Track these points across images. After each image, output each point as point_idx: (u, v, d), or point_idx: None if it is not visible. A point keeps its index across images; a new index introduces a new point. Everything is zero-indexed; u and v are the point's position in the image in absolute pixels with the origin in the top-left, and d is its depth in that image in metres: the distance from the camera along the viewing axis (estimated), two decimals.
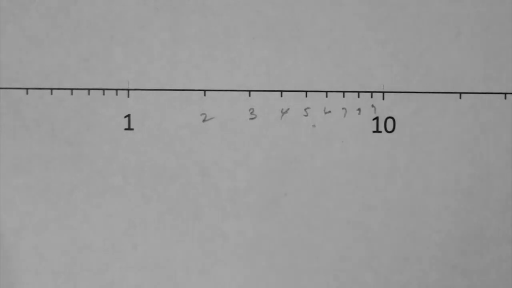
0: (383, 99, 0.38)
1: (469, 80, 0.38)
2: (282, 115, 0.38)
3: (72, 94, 0.38)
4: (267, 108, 0.36)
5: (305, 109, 0.38)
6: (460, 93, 0.38)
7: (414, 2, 0.38)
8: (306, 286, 0.38)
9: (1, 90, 0.38)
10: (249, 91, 0.38)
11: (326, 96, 0.38)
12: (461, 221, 0.38)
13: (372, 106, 0.38)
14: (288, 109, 0.38)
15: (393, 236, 0.38)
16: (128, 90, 0.38)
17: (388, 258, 0.38)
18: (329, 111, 0.38)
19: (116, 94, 0.38)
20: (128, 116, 0.38)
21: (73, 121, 0.38)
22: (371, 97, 0.38)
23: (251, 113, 0.38)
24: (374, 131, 0.38)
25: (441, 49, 0.38)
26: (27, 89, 0.38)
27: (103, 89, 0.38)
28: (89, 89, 0.38)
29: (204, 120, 0.38)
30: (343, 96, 0.38)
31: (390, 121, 0.38)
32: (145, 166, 0.38)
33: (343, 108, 0.38)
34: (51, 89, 0.38)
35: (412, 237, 0.38)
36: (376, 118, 0.38)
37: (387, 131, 0.38)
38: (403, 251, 0.38)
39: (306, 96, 0.38)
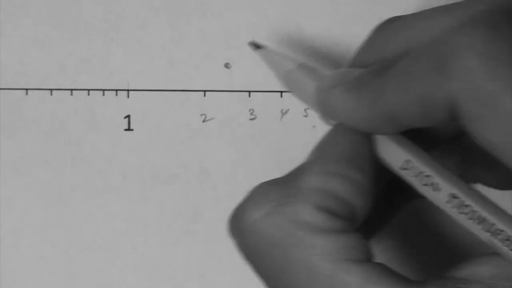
0: None
1: None
2: (282, 116, 0.38)
3: (72, 94, 0.38)
4: (267, 108, 0.36)
5: (305, 110, 0.38)
6: None
7: (414, 2, 0.38)
8: None
9: (1, 90, 0.38)
10: (249, 91, 0.38)
11: None
12: None
13: None
14: (288, 109, 0.38)
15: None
16: (128, 90, 0.38)
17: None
18: None
19: (116, 95, 0.38)
20: (128, 116, 0.38)
21: (73, 121, 0.38)
22: None
23: (251, 114, 0.38)
24: None
25: None
26: (27, 89, 0.38)
27: (103, 90, 0.38)
28: (88, 90, 0.38)
29: (204, 121, 0.38)
30: None
31: None
32: (145, 166, 0.38)
33: None
34: (51, 89, 0.38)
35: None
36: None
37: None
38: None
39: None
